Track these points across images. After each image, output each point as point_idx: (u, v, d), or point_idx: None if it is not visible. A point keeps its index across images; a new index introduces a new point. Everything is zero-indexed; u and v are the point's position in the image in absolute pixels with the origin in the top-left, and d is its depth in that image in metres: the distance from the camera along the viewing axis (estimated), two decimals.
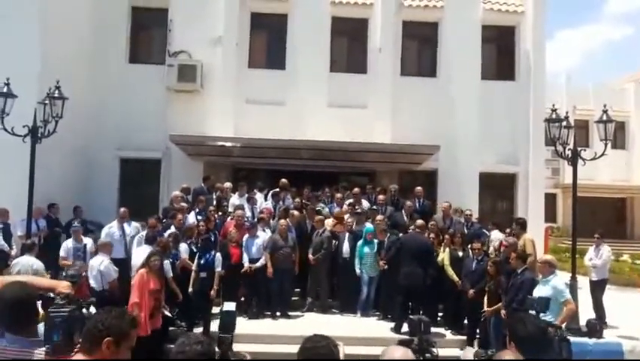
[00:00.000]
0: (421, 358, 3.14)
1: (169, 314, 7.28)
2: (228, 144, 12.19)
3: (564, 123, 9.51)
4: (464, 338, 8.08)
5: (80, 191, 12.02)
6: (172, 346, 2.35)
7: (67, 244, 8.53)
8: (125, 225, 9.31)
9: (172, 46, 13.11)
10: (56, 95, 9.38)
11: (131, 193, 12.54)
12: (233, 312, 3.13)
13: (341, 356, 2.63)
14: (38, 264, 7.05)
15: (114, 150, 12.81)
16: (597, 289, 9.63)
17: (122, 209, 9.57)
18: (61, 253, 8.40)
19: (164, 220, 9.37)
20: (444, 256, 8.73)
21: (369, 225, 9.69)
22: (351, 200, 10.65)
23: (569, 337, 5.25)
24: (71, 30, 11.98)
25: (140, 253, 7.67)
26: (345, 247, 9.55)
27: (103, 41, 12.93)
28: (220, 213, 10.11)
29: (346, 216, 10.03)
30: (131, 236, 9.12)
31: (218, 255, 8.30)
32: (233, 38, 13.06)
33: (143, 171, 13.02)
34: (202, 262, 8.14)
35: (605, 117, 9.33)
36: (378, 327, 8.65)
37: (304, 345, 2.41)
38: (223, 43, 13.04)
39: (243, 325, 8.04)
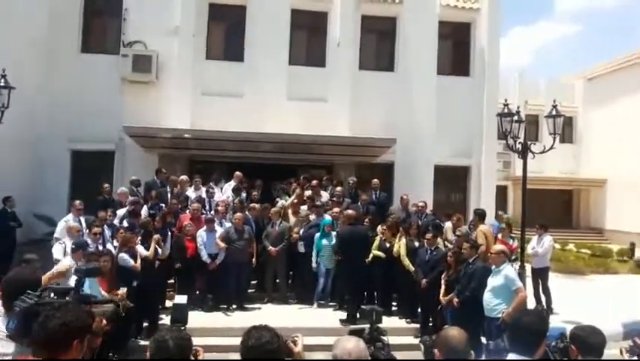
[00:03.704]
0: (372, 347, 3.18)
1: (130, 304, 6.76)
2: (184, 136, 12.01)
3: (515, 118, 9.81)
4: (418, 326, 8.28)
5: (29, 184, 11.64)
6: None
7: None
8: (81, 218, 9.03)
9: (127, 35, 12.78)
10: (2, 83, 9.02)
11: (83, 186, 12.12)
12: (185, 305, 3.11)
13: (299, 348, 2.65)
14: None
15: (65, 141, 12.42)
16: (539, 276, 10.05)
17: (77, 201, 9.26)
18: None
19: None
20: (400, 246, 8.88)
21: (327, 217, 9.77)
22: (309, 192, 10.70)
23: None
24: (20, 17, 11.53)
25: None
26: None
27: (54, 29, 12.49)
28: (180, 207, 9.95)
29: (304, 208, 10.09)
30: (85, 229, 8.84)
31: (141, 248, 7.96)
32: (191, 29, 12.84)
33: (96, 163, 12.66)
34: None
35: (554, 112, 9.68)
36: (334, 318, 8.74)
37: (248, 343, 2.31)
38: (180, 34, 12.80)
39: (199, 318, 7.99)
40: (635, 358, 3.57)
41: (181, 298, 3.87)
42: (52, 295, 2.58)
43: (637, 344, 3.82)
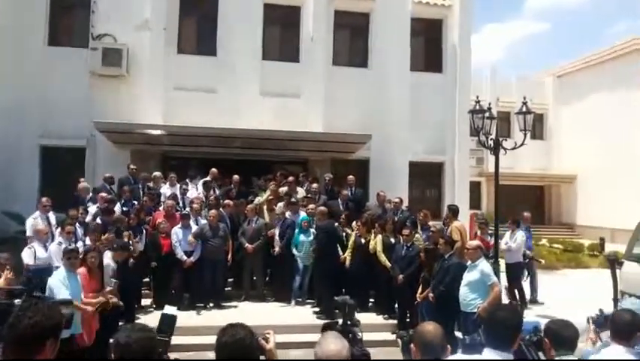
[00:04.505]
0: (346, 339, 3.14)
1: (120, 303, 6.59)
2: (156, 131, 11.81)
3: (487, 114, 9.89)
4: (395, 321, 8.32)
5: None
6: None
7: None
8: (50, 215, 8.82)
9: (96, 28, 12.47)
10: None
11: (54, 183, 11.82)
12: (174, 316, 3.00)
13: (271, 344, 2.62)
14: None
15: (34, 137, 12.07)
16: (512, 271, 10.18)
17: (44, 198, 9.04)
18: None
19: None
20: (376, 242, 8.90)
21: (303, 213, 9.73)
22: (285, 188, 10.64)
23: None
24: None
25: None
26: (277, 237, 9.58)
27: (20, 22, 12.10)
28: (154, 203, 9.80)
29: (280, 205, 10.03)
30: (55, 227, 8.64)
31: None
32: (161, 22, 12.59)
33: (67, 160, 12.32)
34: None
35: (524, 109, 9.80)
36: (311, 315, 8.73)
37: (222, 339, 2.30)
38: (150, 27, 12.54)
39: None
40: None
41: (170, 309, 3.71)
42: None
43: (602, 313, 4.04)
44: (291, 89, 13.16)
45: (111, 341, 2.36)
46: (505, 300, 8.88)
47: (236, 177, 10.91)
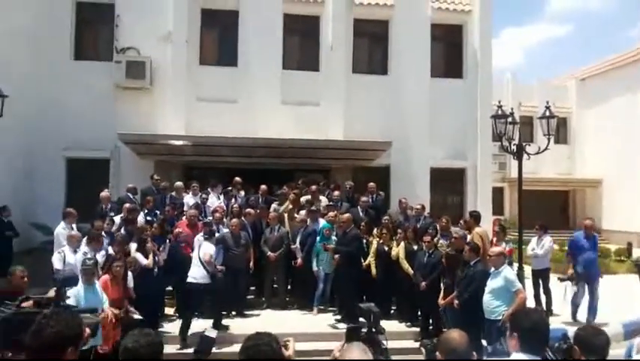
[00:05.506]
0: (370, 348, 3.14)
1: (139, 317, 6.57)
2: (179, 142, 11.97)
3: (509, 119, 9.79)
4: (418, 329, 8.25)
5: (24, 193, 11.54)
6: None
7: None
8: (74, 226, 8.98)
9: (119, 42, 12.74)
10: None
11: (79, 195, 12.03)
12: (213, 338, 2.99)
13: (291, 351, 2.64)
14: None
15: (60, 149, 12.34)
16: (540, 278, 9.99)
17: (69, 209, 9.20)
18: None
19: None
20: (399, 250, 8.86)
21: (323, 221, 9.71)
22: (308, 197, 10.65)
23: None
24: (11, 25, 11.45)
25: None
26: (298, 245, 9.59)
27: (46, 37, 12.43)
28: (176, 213, 9.91)
29: (302, 213, 10.04)
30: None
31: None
32: (183, 34, 12.81)
33: (91, 171, 12.55)
34: None
35: (547, 113, 9.67)
36: (333, 322, 8.69)
37: (246, 344, 2.38)
38: (173, 40, 12.77)
39: (198, 326, 7.91)
40: None
41: (211, 332, 3.75)
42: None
43: None
44: (312, 97, 13.23)
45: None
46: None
47: (263, 186, 10.93)
